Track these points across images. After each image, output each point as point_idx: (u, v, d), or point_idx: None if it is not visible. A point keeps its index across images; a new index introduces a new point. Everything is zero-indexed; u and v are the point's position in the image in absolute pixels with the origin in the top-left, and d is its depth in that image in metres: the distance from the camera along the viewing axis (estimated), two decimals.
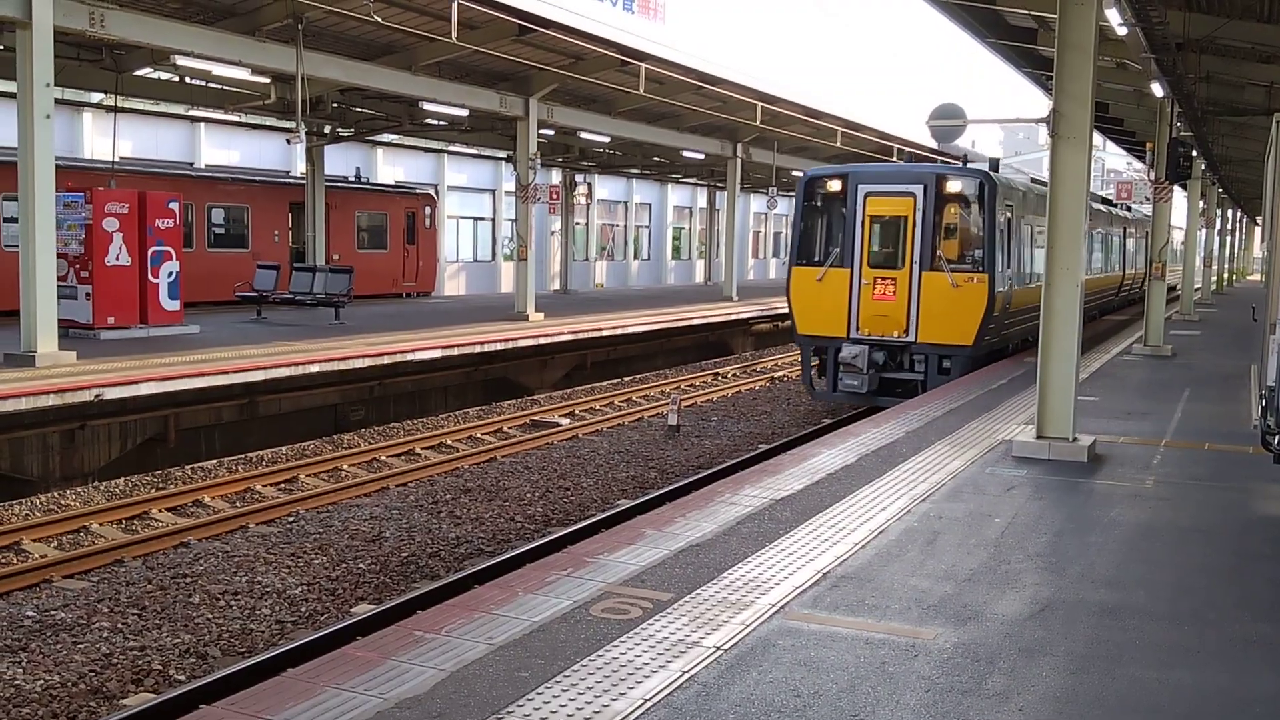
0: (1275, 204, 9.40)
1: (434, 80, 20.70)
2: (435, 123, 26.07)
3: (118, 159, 21.03)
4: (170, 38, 15.92)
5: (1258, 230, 60.91)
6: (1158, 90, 15.84)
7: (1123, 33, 12.47)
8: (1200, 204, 29.70)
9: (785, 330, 27.60)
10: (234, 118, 26.71)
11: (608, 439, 15.82)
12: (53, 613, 8.31)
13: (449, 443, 15.10)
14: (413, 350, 17.10)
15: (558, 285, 37.50)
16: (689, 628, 5.22)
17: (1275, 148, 9.53)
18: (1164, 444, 10.53)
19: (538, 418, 17.08)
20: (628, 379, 22.62)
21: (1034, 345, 17.74)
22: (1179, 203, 27.58)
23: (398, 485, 12.68)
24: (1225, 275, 50.72)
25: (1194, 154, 20.28)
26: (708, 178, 42.74)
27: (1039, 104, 26.44)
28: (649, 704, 4.36)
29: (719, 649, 4.97)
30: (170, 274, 17.91)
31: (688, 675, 4.66)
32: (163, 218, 17.81)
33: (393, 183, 32.65)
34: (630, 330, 23.08)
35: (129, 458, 13.14)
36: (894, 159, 31.01)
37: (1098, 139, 27.82)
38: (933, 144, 28.41)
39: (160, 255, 17.71)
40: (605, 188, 43.05)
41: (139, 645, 7.74)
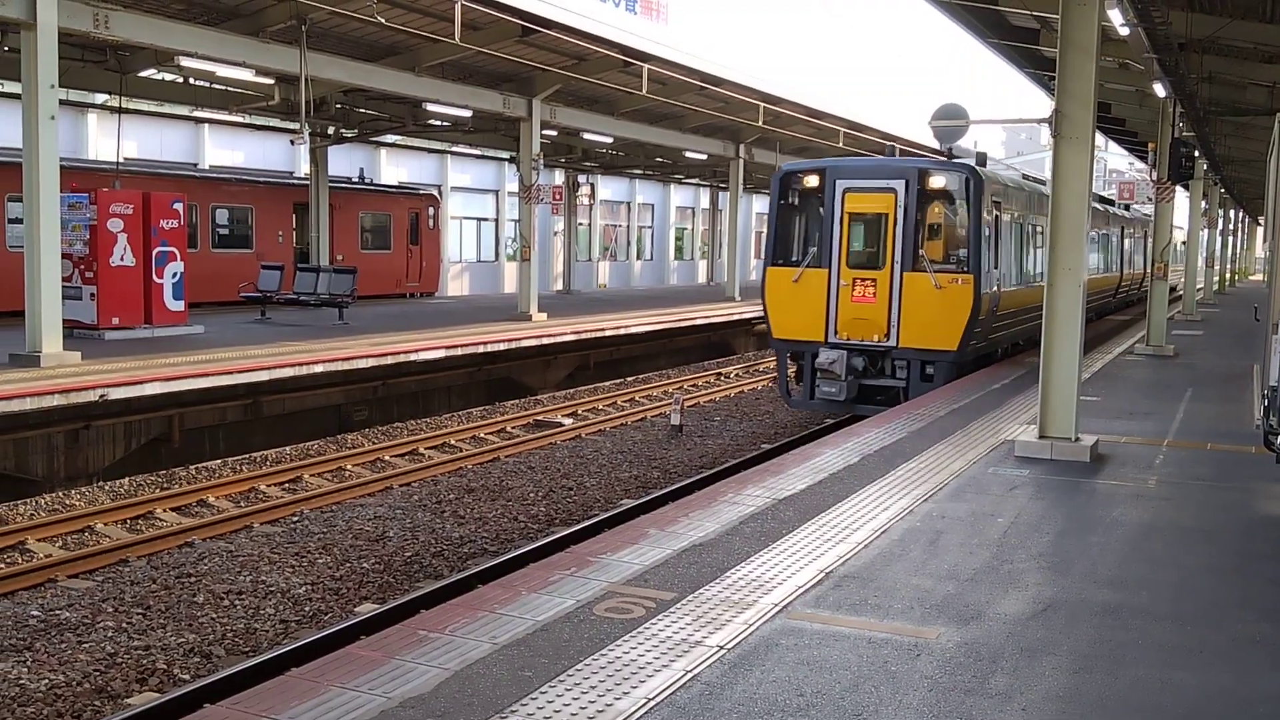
0: (1277, 204, 9.40)
1: (437, 81, 20.74)
2: (438, 123, 26.11)
3: (122, 160, 21.04)
4: (174, 39, 15.97)
5: (1260, 230, 60.86)
6: (1160, 90, 15.84)
7: (1125, 33, 12.48)
8: (1202, 204, 29.66)
9: None
10: (238, 119, 26.78)
11: (611, 439, 15.83)
12: (57, 612, 8.33)
13: (452, 443, 15.11)
14: (416, 350, 17.12)
15: (561, 285, 37.53)
16: (692, 627, 5.24)
17: (1277, 147, 9.54)
18: (1166, 444, 10.53)
19: (541, 418, 17.09)
20: (631, 379, 22.62)
21: (1025, 350, 17.78)
22: (1181, 203, 27.56)
23: (401, 485, 12.70)
24: (1227, 275, 50.67)
25: (1196, 154, 20.27)
26: (710, 178, 42.74)
27: (1042, 104, 26.46)
28: (652, 703, 4.38)
29: (722, 648, 4.98)
30: (175, 274, 17.94)
31: (691, 674, 4.68)
32: (167, 218, 17.84)
33: (396, 183, 32.69)
34: (633, 330, 23.10)
35: (133, 458, 13.16)
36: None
37: (1100, 139, 27.77)
38: (935, 144, 28.37)
39: (165, 256, 17.75)
40: (608, 188, 43.06)
41: (143, 644, 7.76)
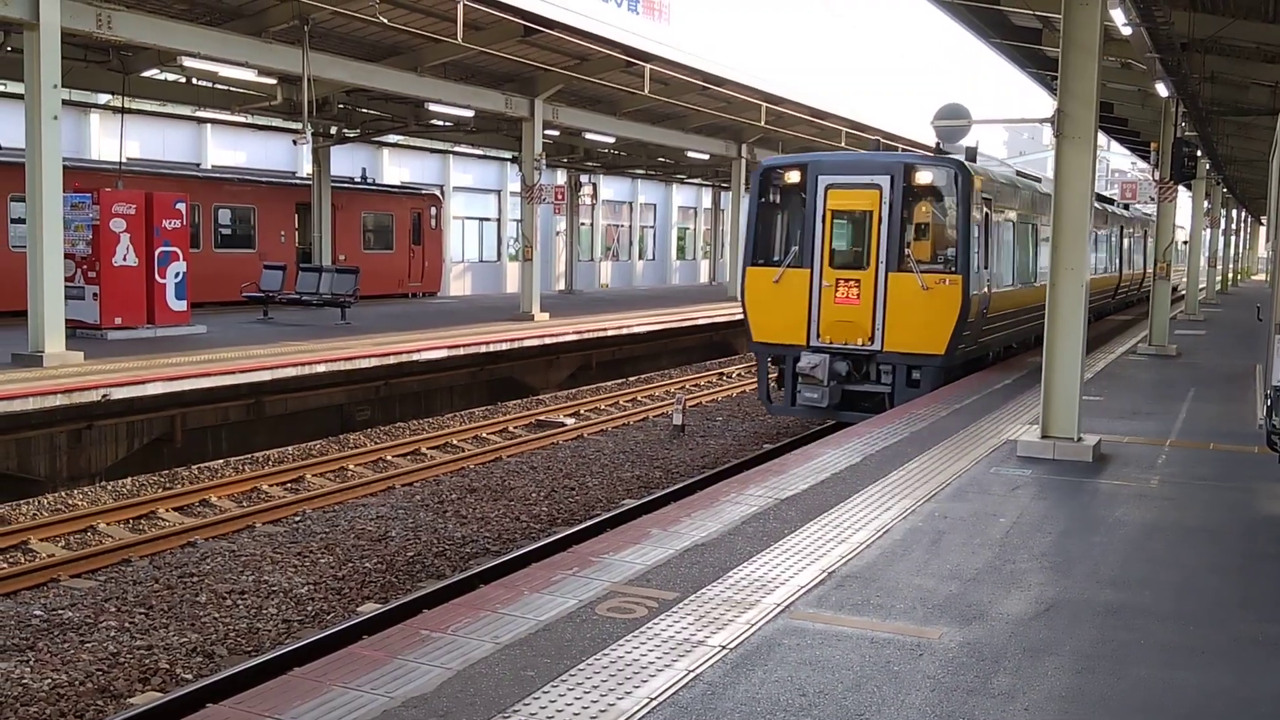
0: None
1: (439, 81, 20.75)
2: (441, 123, 26.13)
3: (125, 160, 21.08)
4: (177, 39, 15.98)
5: (1262, 230, 60.81)
6: (1162, 90, 15.83)
7: (1127, 33, 12.48)
8: (1205, 204, 29.64)
9: None
10: (240, 119, 26.82)
11: (613, 439, 15.83)
12: (60, 612, 8.34)
13: (455, 442, 15.12)
14: (419, 350, 17.13)
15: (563, 285, 37.54)
16: (694, 627, 5.24)
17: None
18: (1169, 444, 10.52)
19: (543, 418, 17.10)
20: (633, 379, 22.63)
21: (1019, 353, 17.56)
22: (1183, 202, 27.54)
23: (404, 485, 12.71)
24: (1230, 275, 50.63)
25: (1198, 154, 20.27)
26: (713, 178, 42.76)
27: (1044, 104, 26.46)
28: (655, 703, 4.38)
29: (724, 648, 4.98)
30: (177, 274, 17.96)
31: (693, 674, 4.67)
32: (170, 218, 17.86)
33: (398, 183, 32.71)
34: (635, 330, 23.10)
35: (136, 457, 13.17)
36: None
37: (1102, 139, 27.79)
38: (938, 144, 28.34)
39: (167, 256, 17.77)
40: (610, 188, 43.08)
41: (146, 644, 7.77)
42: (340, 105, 23.57)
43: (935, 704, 4.47)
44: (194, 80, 21.13)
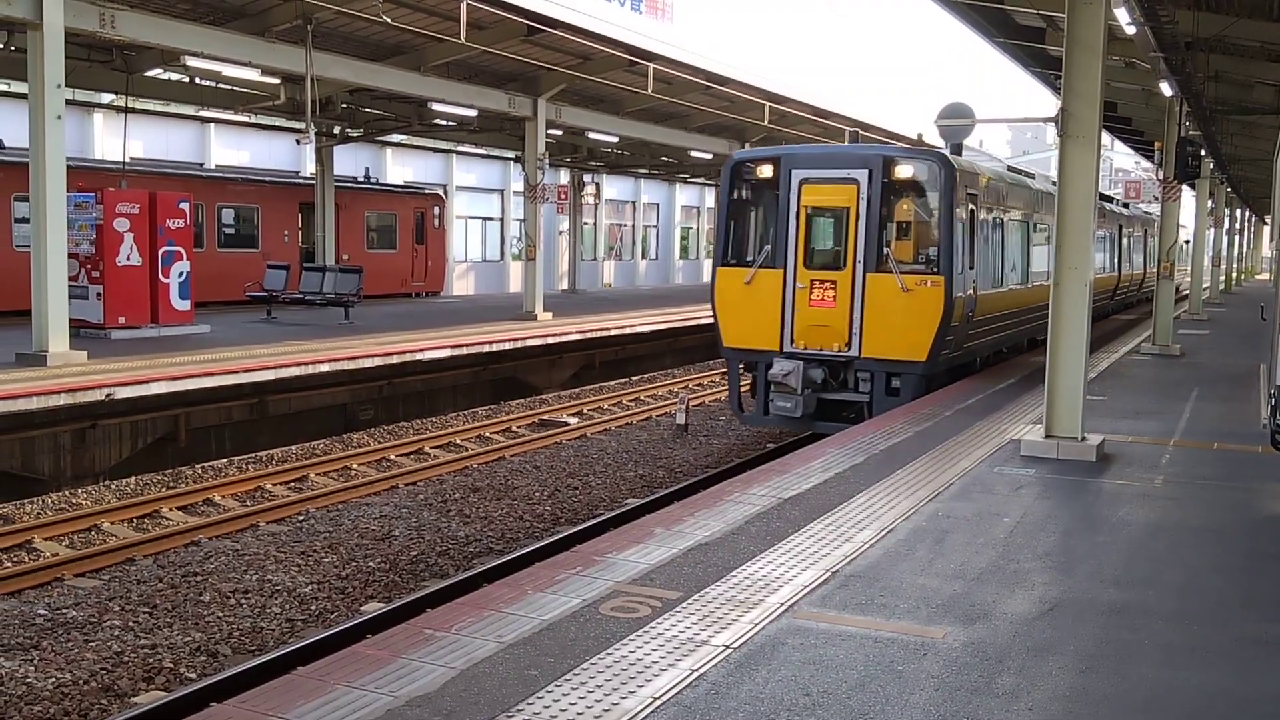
0: None
1: (443, 81, 20.76)
2: (444, 123, 26.12)
3: (128, 159, 21.11)
4: (180, 39, 16.00)
5: (1266, 229, 60.72)
6: (1166, 89, 15.82)
7: (1131, 32, 12.47)
8: (1209, 203, 29.61)
9: None
10: (244, 118, 26.82)
11: (616, 438, 15.84)
12: (64, 611, 8.36)
13: (458, 442, 15.13)
14: (422, 350, 17.14)
15: (566, 285, 37.54)
16: (698, 626, 5.24)
17: None
18: (1173, 443, 10.51)
19: (546, 417, 17.11)
20: (636, 378, 22.64)
21: (1008, 358, 17.31)
22: (1187, 202, 27.51)
23: (407, 484, 12.72)
24: (1234, 275, 50.56)
25: (1202, 153, 20.26)
26: (715, 178, 42.72)
27: (1048, 103, 26.41)
28: (658, 702, 4.38)
29: (728, 647, 4.98)
30: (181, 274, 17.99)
31: (697, 674, 4.67)
32: (173, 218, 17.89)
33: (402, 183, 32.72)
34: (638, 330, 23.10)
35: (139, 457, 13.19)
36: None
37: (1106, 138, 27.73)
38: (940, 144, 28.31)
39: (171, 255, 17.79)
40: (613, 188, 43.08)
41: (150, 643, 7.78)
42: (343, 105, 23.59)
43: (939, 703, 4.47)
44: (197, 80, 21.15)
